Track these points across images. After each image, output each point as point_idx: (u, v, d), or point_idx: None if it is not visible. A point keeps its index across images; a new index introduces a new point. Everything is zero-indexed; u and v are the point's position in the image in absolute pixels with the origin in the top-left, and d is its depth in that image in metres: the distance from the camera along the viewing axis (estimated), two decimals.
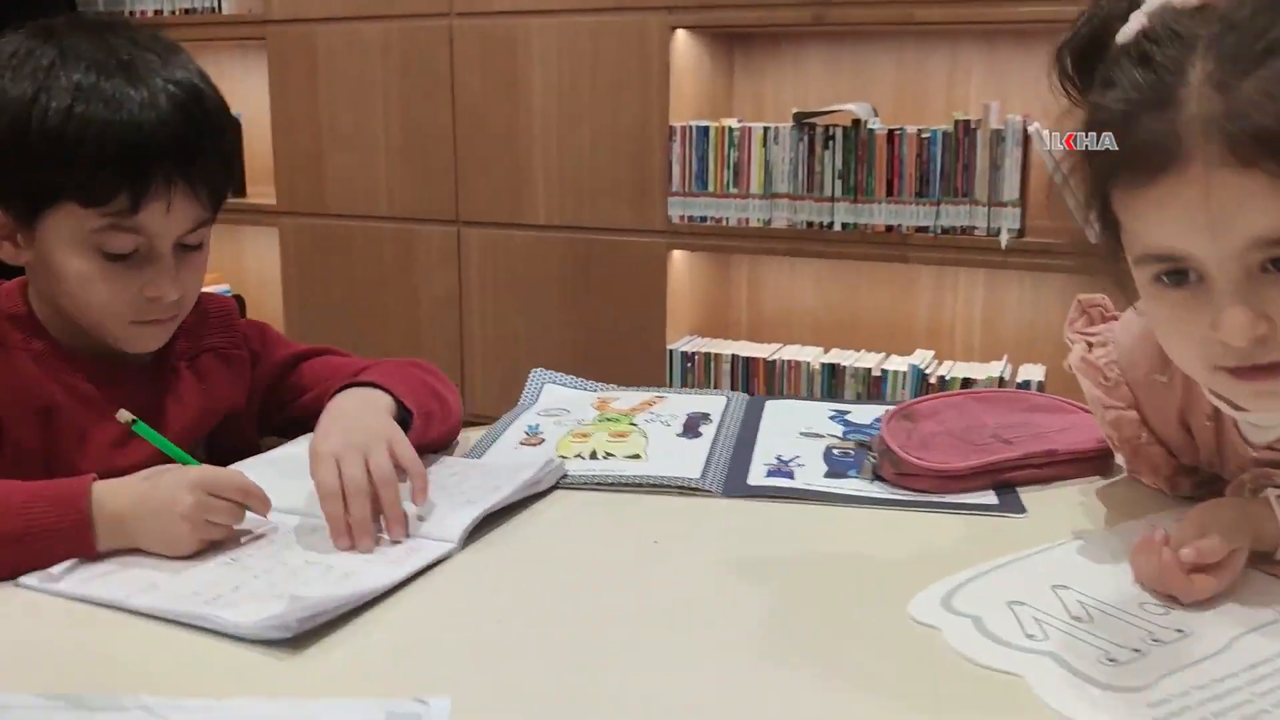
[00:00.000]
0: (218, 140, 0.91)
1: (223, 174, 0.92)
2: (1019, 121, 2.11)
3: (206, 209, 0.90)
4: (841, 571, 0.79)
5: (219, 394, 1.00)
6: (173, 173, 0.86)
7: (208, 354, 1.01)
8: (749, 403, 1.15)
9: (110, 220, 0.85)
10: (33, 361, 0.90)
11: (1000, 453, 0.93)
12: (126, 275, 0.88)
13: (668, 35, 2.31)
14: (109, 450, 0.91)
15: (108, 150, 0.83)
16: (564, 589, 0.77)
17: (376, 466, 0.84)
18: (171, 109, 0.86)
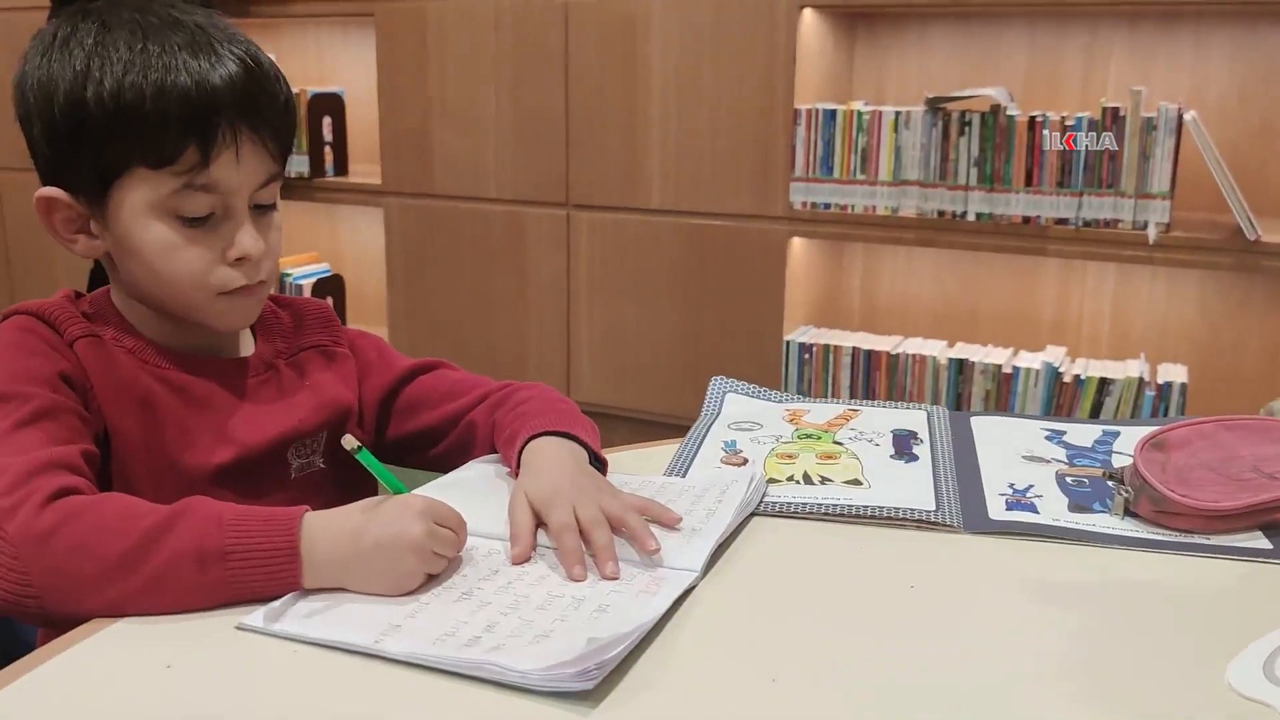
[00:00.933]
0: (276, 87, 0.87)
1: (287, 122, 0.89)
2: (1173, 110, 2.00)
3: (276, 161, 0.87)
4: (1134, 626, 0.72)
5: (325, 390, 0.95)
6: (238, 121, 0.83)
7: (309, 351, 0.97)
8: (953, 418, 1.08)
9: (183, 179, 0.82)
10: (128, 355, 0.87)
11: (1270, 490, 0.85)
12: (207, 239, 0.84)
13: (795, 14, 2.22)
14: (211, 440, 0.87)
15: (170, 107, 0.80)
16: (835, 635, 0.70)
17: (585, 511, 0.80)
18: (224, 60, 0.83)
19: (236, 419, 0.89)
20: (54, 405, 0.80)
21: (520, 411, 0.95)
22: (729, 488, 0.89)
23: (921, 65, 2.43)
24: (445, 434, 1.01)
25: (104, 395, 0.84)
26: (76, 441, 0.79)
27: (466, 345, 2.67)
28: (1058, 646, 0.69)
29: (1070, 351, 2.30)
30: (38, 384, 0.80)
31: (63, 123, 0.82)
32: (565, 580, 0.76)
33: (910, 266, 2.52)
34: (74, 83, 0.81)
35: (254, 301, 0.89)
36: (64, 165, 0.84)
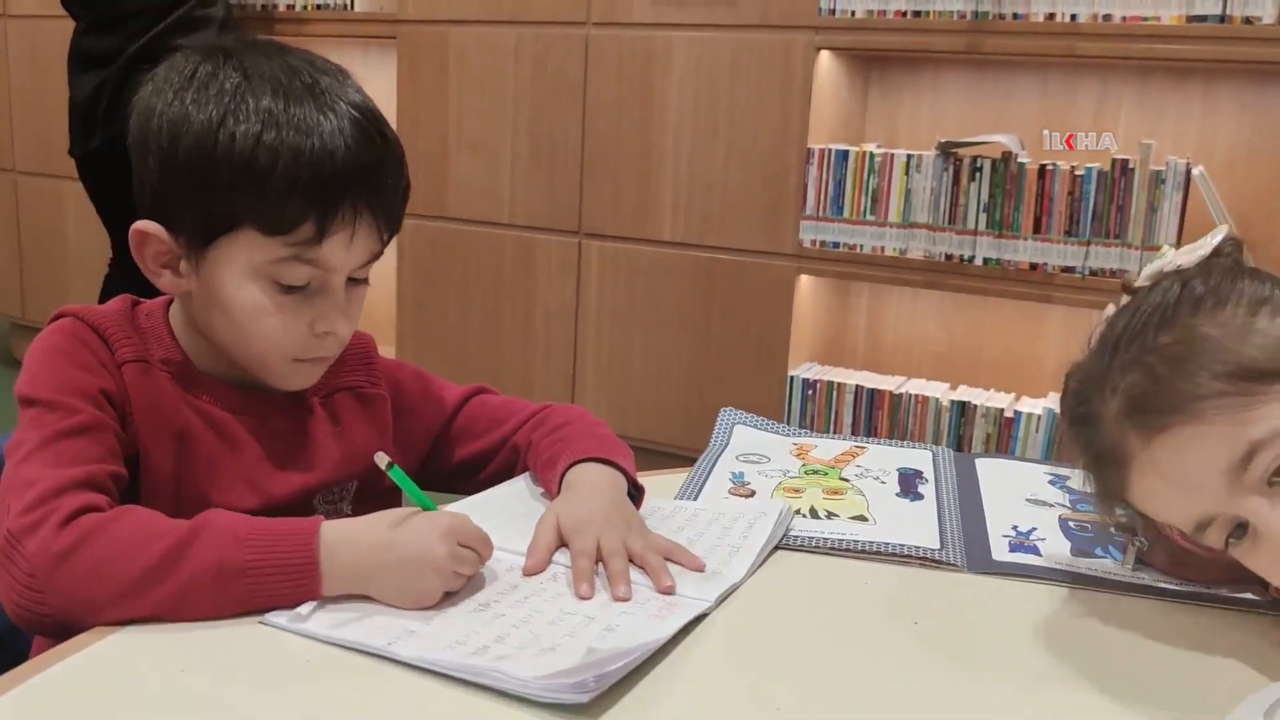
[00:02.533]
0: (399, 168, 0.87)
1: (401, 206, 0.88)
2: (1181, 164, 2.03)
3: (382, 242, 0.86)
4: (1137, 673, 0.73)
5: (356, 439, 0.94)
6: (359, 202, 0.82)
7: (344, 393, 0.95)
8: (958, 460, 1.09)
9: (293, 250, 0.81)
10: (171, 382, 0.86)
11: None
12: (298, 308, 0.83)
13: (812, 55, 2.26)
14: (239, 484, 0.87)
15: (299, 177, 0.79)
16: (840, 668, 0.72)
17: (608, 544, 0.82)
18: (358, 136, 0.82)
19: (267, 466, 0.89)
20: (96, 422, 0.80)
21: (560, 436, 0.96)
22: (757, 521, 0.90)
23: (934, 110, 2.47)
24: (491, 459, 1.03)
25: (141, 421, 0.84)
26: (109, 462, 0.80)
27: (473, 368, 2.68)
28: (1058, 690, 0.71)
29: None
30: (83, 397, 0.81)
31: (184, 166, 0.81)
32: (604, 610, 0.77)
33: (915, 308, 2.54)
34: (206, 128, 0.80)
35: (319, 370, 0.89)
36: (172, 205, 0.83)
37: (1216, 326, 0.73)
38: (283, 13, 2.78)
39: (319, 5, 2.73)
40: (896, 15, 2.20)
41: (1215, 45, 2.01)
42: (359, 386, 0.97)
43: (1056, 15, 2.10)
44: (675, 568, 0.82)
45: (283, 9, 2.78)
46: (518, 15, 2.51)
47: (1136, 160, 2.07)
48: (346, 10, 2.71)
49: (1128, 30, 2.06)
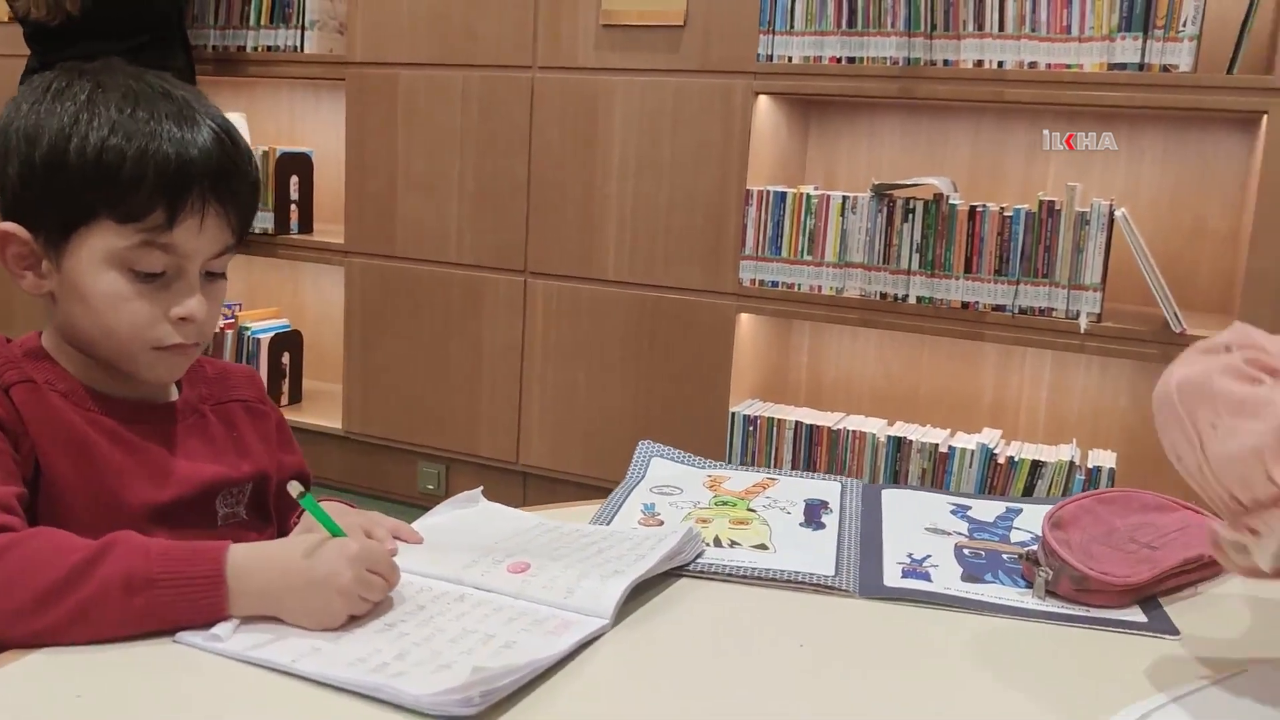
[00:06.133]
0: (248, 169, 0.93)
1: (251, 203, 0.95)
2: (1104, 205, 2.10)
3: (234, 234, 0.92)
4: (1006, 692, 0.76)
5: (250, 445, 1.00)
6: (208, 193, 0.88)
7: (235, 404, 1.01)
8: (865, 490, 1.13)
9: (145, 237, 0.87)
10: (62, 399, 0.90)
11: (1158, 561, 0.91)
12: (155, 295, 0.89)
13: (751, 100, 2.32)
14: (145, 482, 0.90)
15: (148, 169, 0.86)
16: (720, 688, 0.75)
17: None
18: (209, 136, 0.89)
19: (170, 462, 0.93)
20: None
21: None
22: (664, 538, 0.93)
23: (872, 153, 2.53)
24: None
25: (39, 439, 0.87)
26: (10, 484, 0.82)
27: (419, 406, 2.70)
28: (933, 709, 0.74)
29: (1006, 434, 2.37)
30: None
31: (41, 167, 0.87)
32: (483, 619, 0.80)
33: (855, 346, 2.59)
34: (59, 133, 0.86)
35: (185, 359, 0.94)
36: (31, 205, 0.89)
37: None
38: (234, 53, 2.81)
39: (269, 47, 2.77)
40: (832, 61, 2.27)
41: (1135, 92, 2.09)
42: (249, 400, 1.03)
43: (985, 62, 2.18)
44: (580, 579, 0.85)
45: (234, 50, 2.81)
46: (465, 59, 2.55)
47: (1063, 202, 2.14)
48: (297, 52, 2.74)
49: (1053, 77, 2.13)
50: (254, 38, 2.79)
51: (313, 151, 2.90)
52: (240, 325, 2.86)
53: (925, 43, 2.21)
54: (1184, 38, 2.04)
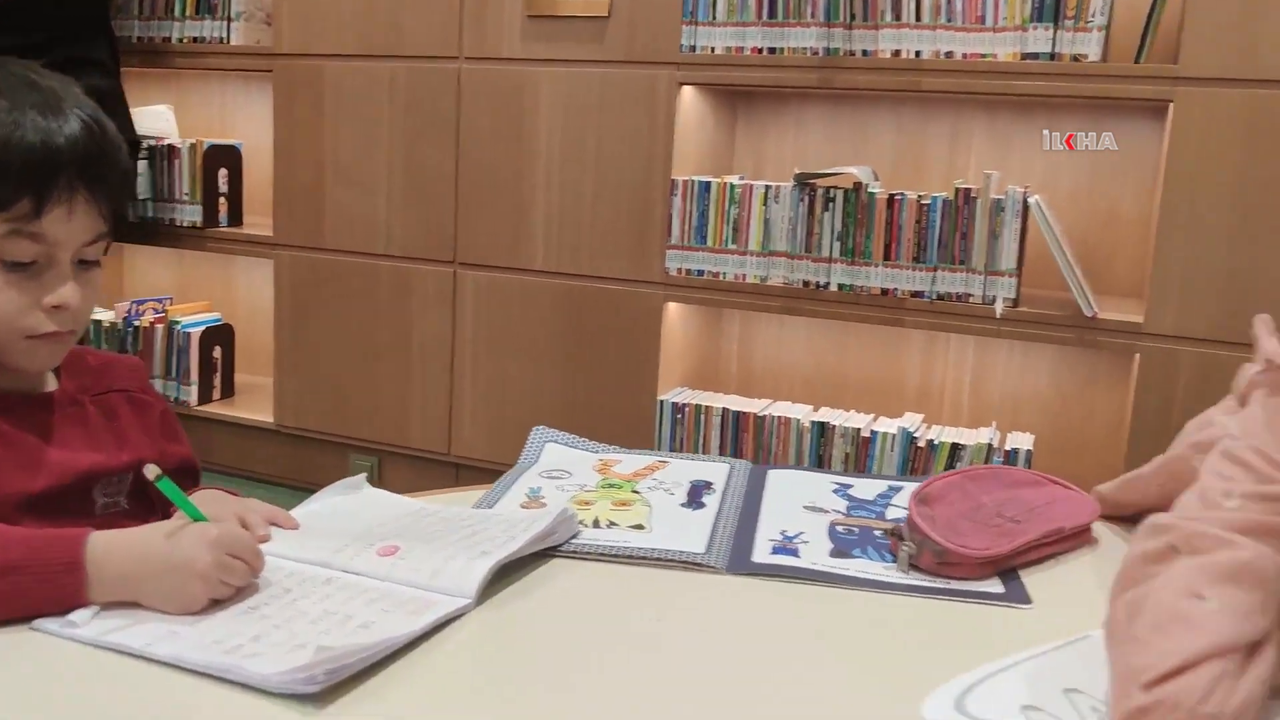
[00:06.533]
0: (117, 156, 0.94)
1: (122, 191, 0.95)
2: (1019, 192, 2.14)
3: (105, 221, 0.93)
4: (850, 661, 0.79)
5: (131, 435, 1.00)
6: (76, 181, 0.89)
7: (117, 394, 1.02)
8: (751, 471, 1.15)
9: (13, 226, 0.87)
10: None
11: (1019, 535, 0.93)
12: (26, 284, 0.89)
13: (675, 91, 2.33)
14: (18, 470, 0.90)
15: (12, 160, 0.86)
16: (572, 661, 0.76)
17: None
18: (77, 125, 0.89)
19: (46, 452, 0.93)
20: None
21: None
22: (537, 520, 0.95)
23: (798, 143, 2.56)
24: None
25: None
26: None
27: (351, 398, 2.69)
28: (778, 678, 0.76)
29: (928, 418, 2.41)
30: None
31: None
32: (346, 601, 0.81)
33: (784, 334, 2.61)
34: None
35: (60, 348, 0.94)
36: None
37: None
38: (159, 45, 2.78)
39: (195, 39, 2.74)
40: (754, 52, 2.29)
41: (1047, 81, 2.12)
42: (131, 390, 1.03)
43: (902, 52, 2.21)
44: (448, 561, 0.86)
45: (159, 41, 2.78)
46: (391, 50, 2.55)
47: (979, 190, 2.17)
48: (223, 43, 2.72)
49: (969, 66, 2.17)
50: (180, 29, 2.76)
51: (242, 144, 2.88)
52: (170, 320, 2.83)
53: (844, 33, 2.23)
54: (1093, 28, 2.08)
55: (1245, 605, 0.64)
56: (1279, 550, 0.68)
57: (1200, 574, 0.65)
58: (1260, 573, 0.66)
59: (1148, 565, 0.68)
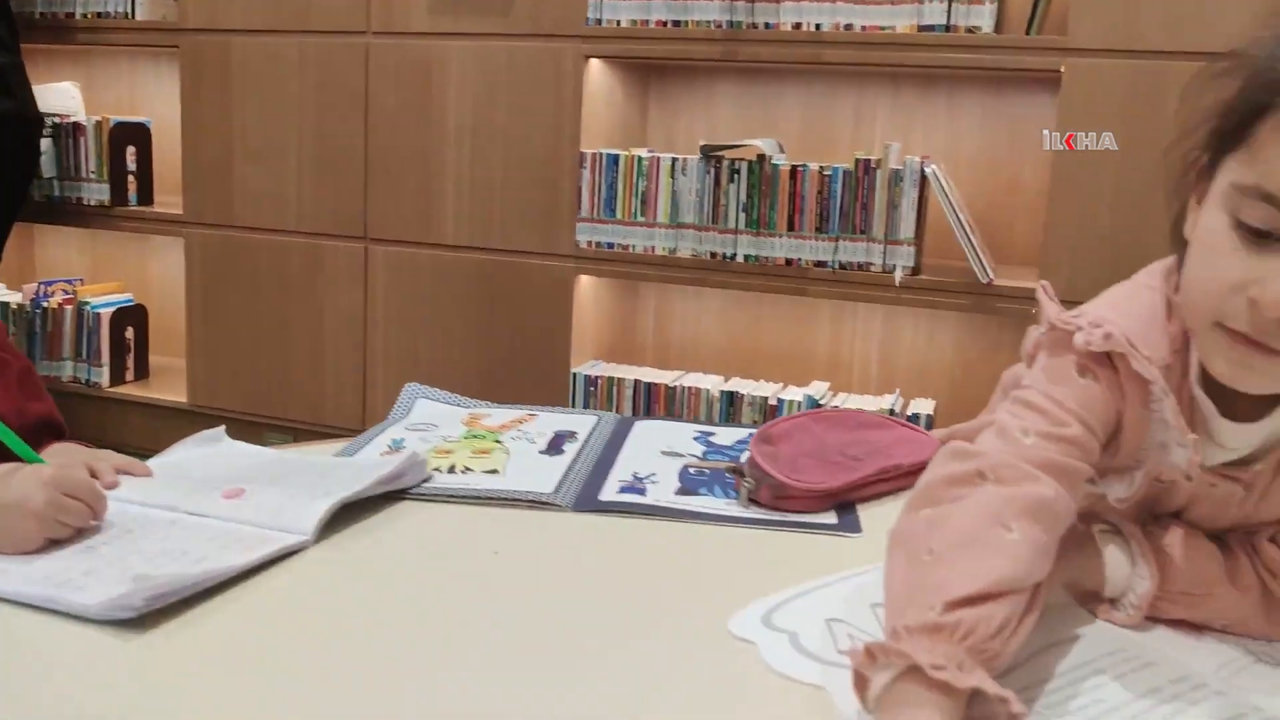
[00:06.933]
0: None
1: None
2: (917, 163, 2.18)
3: None
4: (675, 586, 0.81)
5: None
6: None
7: None
8: (619, 422, 1.17)
9: None
10: None
11: (857, 470, 0.96)
12: None
13: (582, 64, 2.34)
14: None
15: None
16: (400, 594, 0.78)
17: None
18: None
19: None
20: None
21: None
22: (386, 463, 0.96)
23: (709, 116, 2.58)
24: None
25: None
26: None
27: (264, 376, 2.68)
28: (601, 601, 0.78)
29: (836, 386, 2.45)
30: None
31: None
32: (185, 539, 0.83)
33: (700, 306, 2.64)
34: None
35: None
36: None
37: None
38: (62, 20, 2.74)
39: (100, 14, 2.70)
40: (658, 25, 2.30)
41: (943, 53, 2.17)
42: None
43: (803, 25, 2.24)
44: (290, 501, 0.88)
45: (62, 16, 2.73)
46: (299, 25, 2.53)
47: (878, 160, 2.21)
48: (127, 18, 2.68)
49: (868, 39, 2.20)
50: (82, 4, 2.71)
51: (151, 121, 2.84)
52: (80, 301, 2.79)
53: (747, 6, 2.26)
54: (985, 0, 2.13)
55: (1041, 544, 0.67)
56: (1069, 491, 0.70)
57: (1006, 505, 0.67)
58: (1056, 515, 0.69)
59: (952, 487, 0.70)
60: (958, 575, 0.63)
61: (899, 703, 0.58)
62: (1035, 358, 0.78)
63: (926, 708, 0.57)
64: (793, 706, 0.65)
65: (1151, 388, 0.72)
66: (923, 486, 0.72)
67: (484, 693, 0.65)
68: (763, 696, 0.66)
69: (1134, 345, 0.72)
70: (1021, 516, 0.67)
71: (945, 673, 0.57)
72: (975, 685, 0.57)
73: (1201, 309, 0.69)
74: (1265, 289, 0.63)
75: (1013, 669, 0.68)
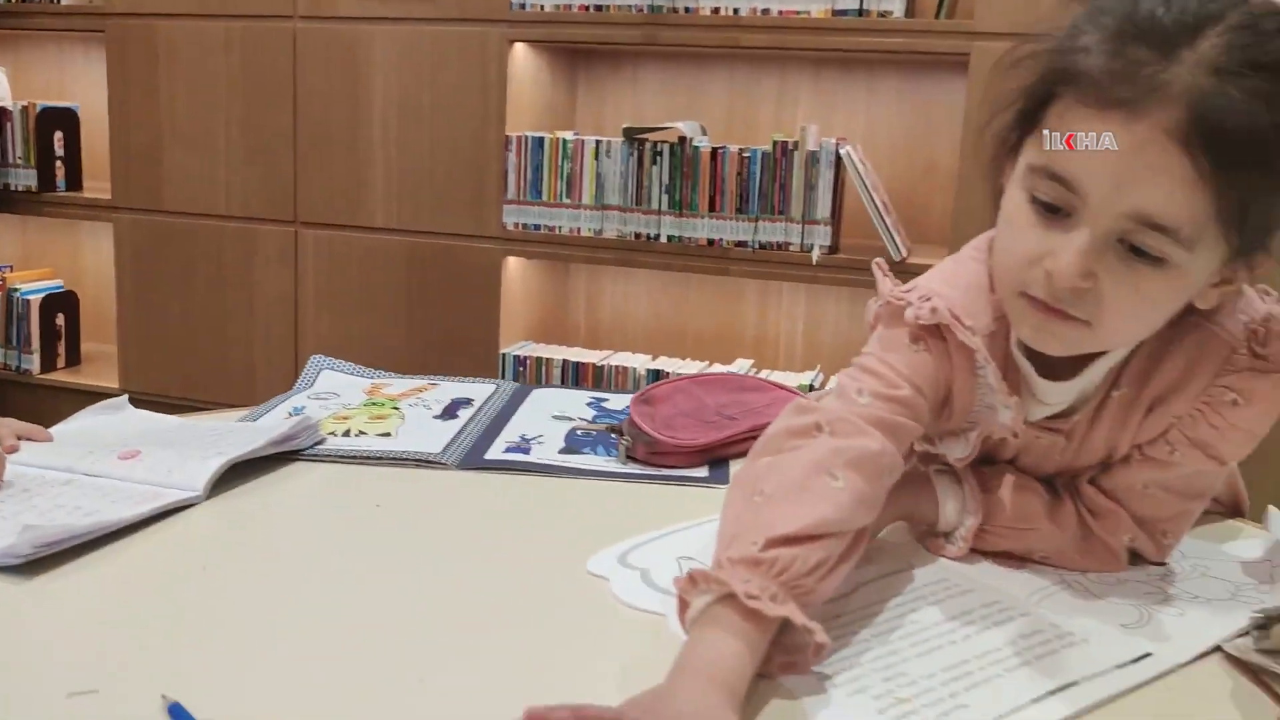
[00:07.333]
0: None
1: None
2: (833, 144, 2.24)
3: None
4: (545, 534, 0.86)
5: None
6: None
7: None
8: (516, 390, 1.22)
9: None
10: None
11: (731, 429, 1.02)
12: None
13: (506, 48, 2.38)
14: None
15: None
16: (284, 542, 0.83)
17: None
18: None
19: None
20: None
21: None
22: (280, 425, 1.00)
23: (635, 100, 2.63)
24: None
25: None
26: None
27: (196, 361, 2.69)
28: (472, 549, 0.83)
29: (760, 363, 2.51)
30: None
31: None
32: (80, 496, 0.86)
33: (628, 287, 2.69)
34: None
35: None
36: None
37: None
38: None
39: None
40: (581, 9, 2.35)
41: (856, 37, 2.23)
42: None
43: (721, 9, 2.29)
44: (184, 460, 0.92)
45: None
46: (225, 9, 2.54)
47: (796, 142, 2.27)
48: (52, 3, 2.68)
49: (783, 23, 2.26)
50: None
51: (78, 106, 2.84)
52: (9, 287, 2.79)
53: None
54: None
55: (864, 493, 0.72)
56: (897, 447, 0.76)
57: (835, 456, 0.73)
58: (881, 467, 0.74)
59: (792, 438, 0.76)
60: (782, 516, 0.69)
61: (710, 622, 0.63)
62: (875, 328, 0.84)
63: (733, 631, 0.62)
64: (634, 632, 0.70)
65: (976, 356, 0.78)
66: (766, 437, 0.77)
67: (355, 633, 0.69)
68: (609, 625, 0.71)
69: (958, 317, 0.78)
70: (848, 467, 0.72)
71: (758, 602, 0.62)
72: (784, 615, 0.63)
73: (1006, 279, 0.75)
74: (1057, 260, 0.69)
75: (844, 598, 0.74)
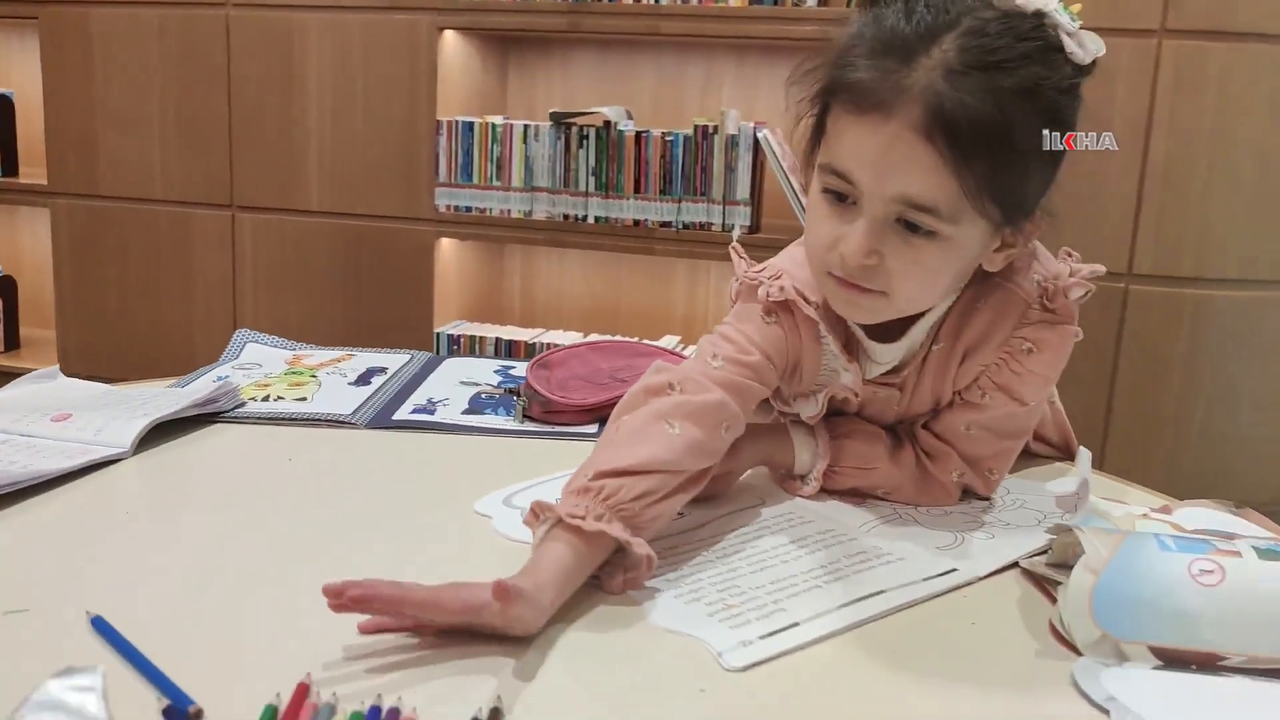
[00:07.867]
0: None
1: None
2: (750, 128, 2.34)
3: None
4: (440, 483, 0.95)
5: None
6: None
7: None
8: (430, 360, 1.30)
9: None
10: None
11: (619, 390, 1.11)
12: None
13: (435, 35, 2.45)
14: None
15: None
16: (202, 492, 0.91)
17: None
18: None
19: None
20: None
21: None
22: (202, 389, 1.08)
23: (565, 86, 2.71)
24: None
25: None
26: None
27: (135, 345, 2.74)
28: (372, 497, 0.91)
29: (686, 339, 2.61)
30: None
31: None
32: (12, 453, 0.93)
33: (562, 267, 2.78)
34: None
35: None
36: None
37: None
38: None
39: None
40: None
41: (773, 25, 2.32)
42: None
43: None
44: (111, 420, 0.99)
45: None
46: None
47: (716, 126, 2.37)
48: None
49: (703, 11, 2.35)
50: None
51: (13, 93, 2.86)
52: None
53: None
54: None
55: (698, 441, 0.81)
56: (741, 405, 0.86)
57: (677, 409, 0.82)
58: (719, 420, 0.84)
59: (647, 396, 0.85)
60: (614, 455, 0.79)
61: (544, 544, 0.73)
62: (736, 302, 0.94)
63: (562, 544, 0.72)
64: (510, 560, 0.79)
65: (819, 327, 0.89)
66: (629, 394, 0.87)
67: (256, 566, 0.78)
68: (488, 555, 0.80)
69: (803, 294, 0.88)
70: (686, 418, 0.82)
71: (580, 521, 0.72)
72: (602, 529, 0.72)
73: (814, 262, 0.86)
74: (847, 244, 0.80)
75: (695, 529, 0.84)
